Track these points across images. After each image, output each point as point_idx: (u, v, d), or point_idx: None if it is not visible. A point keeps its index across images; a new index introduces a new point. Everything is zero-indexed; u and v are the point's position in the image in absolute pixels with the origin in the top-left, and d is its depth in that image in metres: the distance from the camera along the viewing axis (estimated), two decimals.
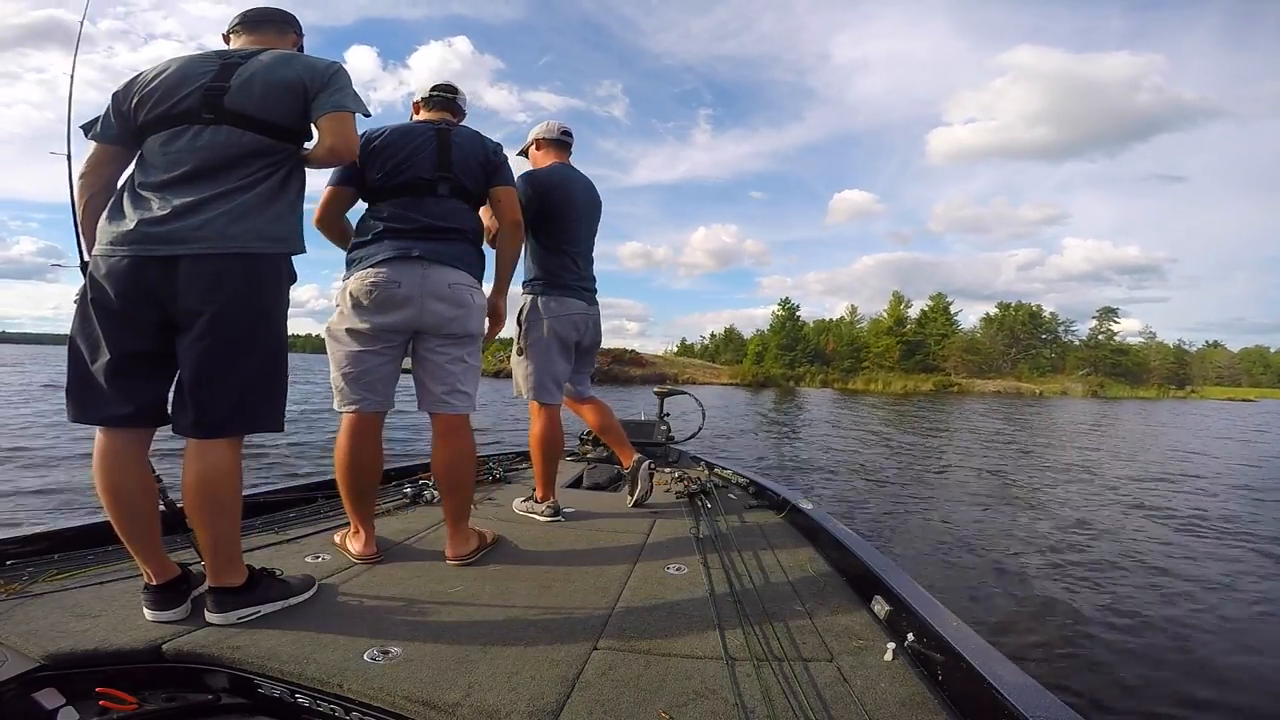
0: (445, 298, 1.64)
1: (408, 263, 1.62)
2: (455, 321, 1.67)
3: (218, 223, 1.21)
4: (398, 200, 1.67)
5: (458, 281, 1.67)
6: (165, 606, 1.25)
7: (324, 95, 1.33)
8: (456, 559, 1.69)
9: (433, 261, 1.63)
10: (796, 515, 2.15)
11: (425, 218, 1.66)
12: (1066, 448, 10.25)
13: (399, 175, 1.68)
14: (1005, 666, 0.98)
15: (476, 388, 1.77)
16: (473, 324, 1.72)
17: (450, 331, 1.67)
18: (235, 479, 1.27)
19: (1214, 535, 4.38)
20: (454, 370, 1.70)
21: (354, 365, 1.66)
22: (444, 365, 1.69)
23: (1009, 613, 2.86)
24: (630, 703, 1.00)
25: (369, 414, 1.69)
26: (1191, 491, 6.22)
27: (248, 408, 1.27)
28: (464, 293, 1.67)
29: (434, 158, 1.70)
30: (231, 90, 1.27)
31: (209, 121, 1.25)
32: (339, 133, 1.33)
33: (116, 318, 1.20)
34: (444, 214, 1.68)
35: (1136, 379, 54.62)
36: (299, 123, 1.34)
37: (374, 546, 1.72)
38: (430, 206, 1.67)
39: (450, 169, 1.70)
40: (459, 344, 1.70)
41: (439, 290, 1.63)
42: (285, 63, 1.34)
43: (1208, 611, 2.92)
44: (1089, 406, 28.83)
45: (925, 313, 57.70)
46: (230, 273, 1.22)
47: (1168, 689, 2.19)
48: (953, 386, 45.63)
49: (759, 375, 45.61)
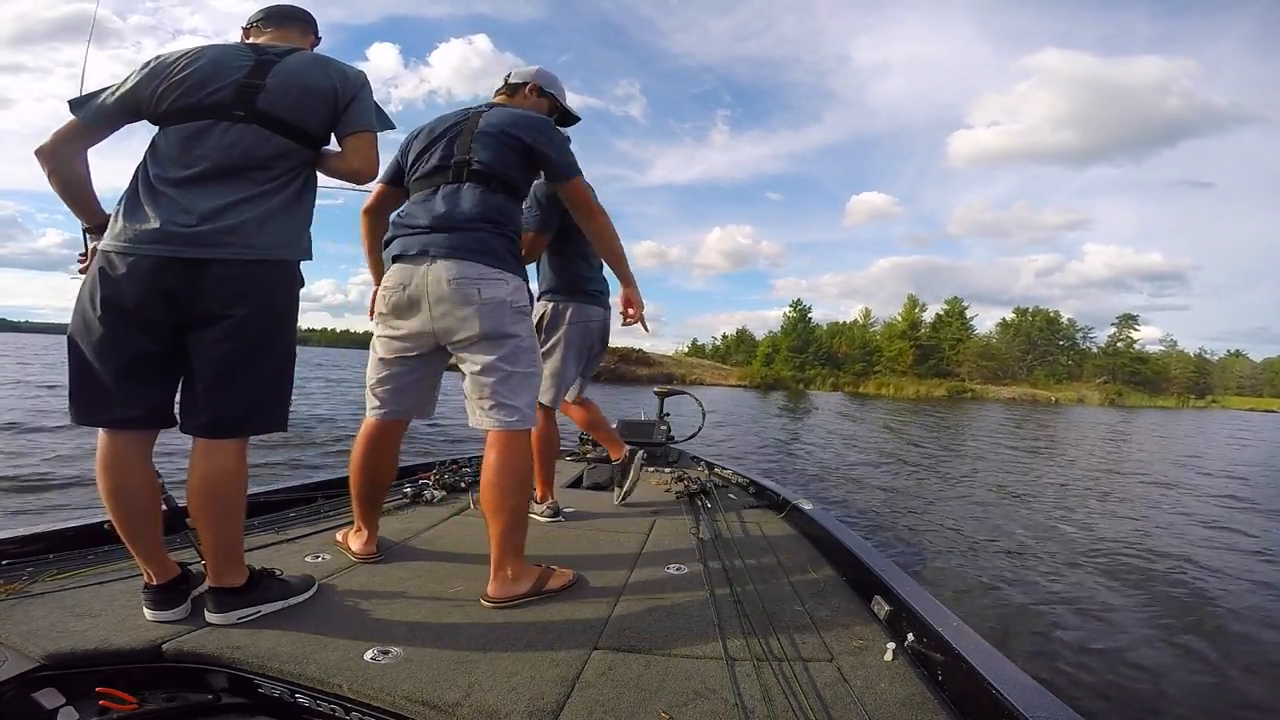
0: (445, 298, 1.44)
1: (411, 261, 1.47)
2: (464, 324, 1.45)
3: (248, 227, 1.20)
4: (418, 193, 1.55)
5: (460, 276, 1.43)
6: (165, 606, 1.24)
7: (354, 109, 1.33)
8: (497, 600, 1.40)
9: (438, 256, 1.45)
10: (796, 515, 2.14)
11: (436, 206, 1.49)
12: (1076, 454, 10.25)
13: (420, 167, 1.56)
14: (1005, 666, 0.98)
15: (530, 398, 1.53)
16: (487, 323, 1.45)
17: (461, 336, 1.47)
18: (242, 480, 1.27)
19: (1220, 542, 4.38)
20: (488, 381, 1.47)
21: (376, 374, 1.60)
22: (475, 376, 1.49)
23: (1009, 613, 2.85)
24: (630, 703, 1.00)
25: (388, 420, 1.62)
26: (1198, 499, 6.22)
27: (262, 408, 1.27)
28: (468, 288, 1.44)
29: (454, 142, 1.54)
30: (266, 90, 1.25)
31: (239, 119, 1.23)
32: (365, 155, 1.35)
33: (129, 318, 1.17)
34: (457, 199, 1.49)
35: (1155, 388, 54.11)
36: (325, 131, 1.33)
37: (374, 545, 1.70)
38: (444, 194, 1.50)
39: (467, 150, 1.52)
40: (485, 349, 1.47)
41: (439, 289, 1.44)
42: (320, 66, 1.33)
43: (1210, 614, 2.93)
44: (1105, 415, 28.71)
45: (940, 317, 57.35)
46: (257, 277, 1.22)
47: (1169, 689, 2.19)
48: (967, 392, 45.33)
49: (768, 377, 45.46)
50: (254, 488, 2.10)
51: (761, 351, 58.08)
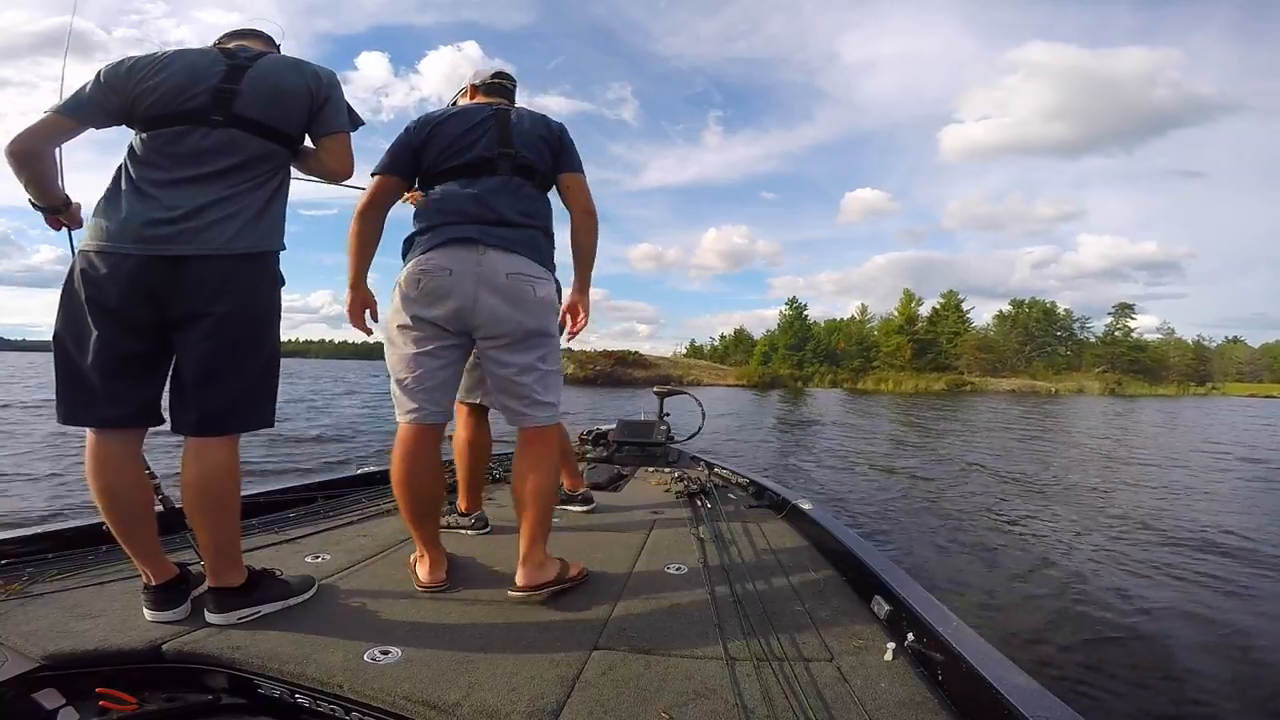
0: (500, 289, 1.44)
1: (462, 247, 1.44)
2: (511, 320, 1.46)
3: (227, 225, 1.23)
4: (456, 181, 1.52)
5: (517, 271, 1.46)
6: (165, 606, 1.25)
7: (328, 110, 1.36)
8: (526, 588, 1.43)
9: (491, 247, 1.44)
10: (796, 515, 2.15)
11: (486, 198, 1.49)
12: (1079, 446, 10.25)
13: (458, 156, 1.53)
14: (1005, 666, 0.98)
15: (559, 393, 1.57)
16: (533, 321, 1.48)
17: (504, 331, 1.47)
18: (234, 477, 1.28)
19: (1223, 537, 4.38)
20: (525, 382, 1.50)
21: (408, 370, 1.48)
22: (513, 378, 1.49)
23: (1009, 613, 2.86)
24: (630, 703, 1.00)
25: (426, 425, 1.50)
26: (1199, 491, 6.21)
27: (249, 405, 1.29)
28: (524, 285, 1.46)
29: (495, 135, 1.55)
30: (241, 94, 1.28)
31: (217, 124, 1.25)
32: (340, 156, 1.40)
33: (112, 317, 1.19)
34: (507, 194, 1.51)
35: (1155, 376, 54.12)
36: (300, 130, 1.36)
37: (443, 573, 1.53)
38: (491, 186, 1.50)
39: (511, 144, 1.54)
40: (526, 348, 1.49)
41: (494, 279, 1.44)
42: (293, 68, 1.35)
43: (1211, 612, 2.92)
44: (1105, 404, 28.63)
45: (936, 310, 57.42)
46: (238, 274, 1.23)
47: (1169, 689, 2.18)
48: (966, 385, 45.30)
49: (766, 376, 45.44)
50: (254, 488, 2.11)
51: (758, 350, 58.11)
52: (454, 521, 2.05)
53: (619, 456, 3.39)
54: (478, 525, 2.05)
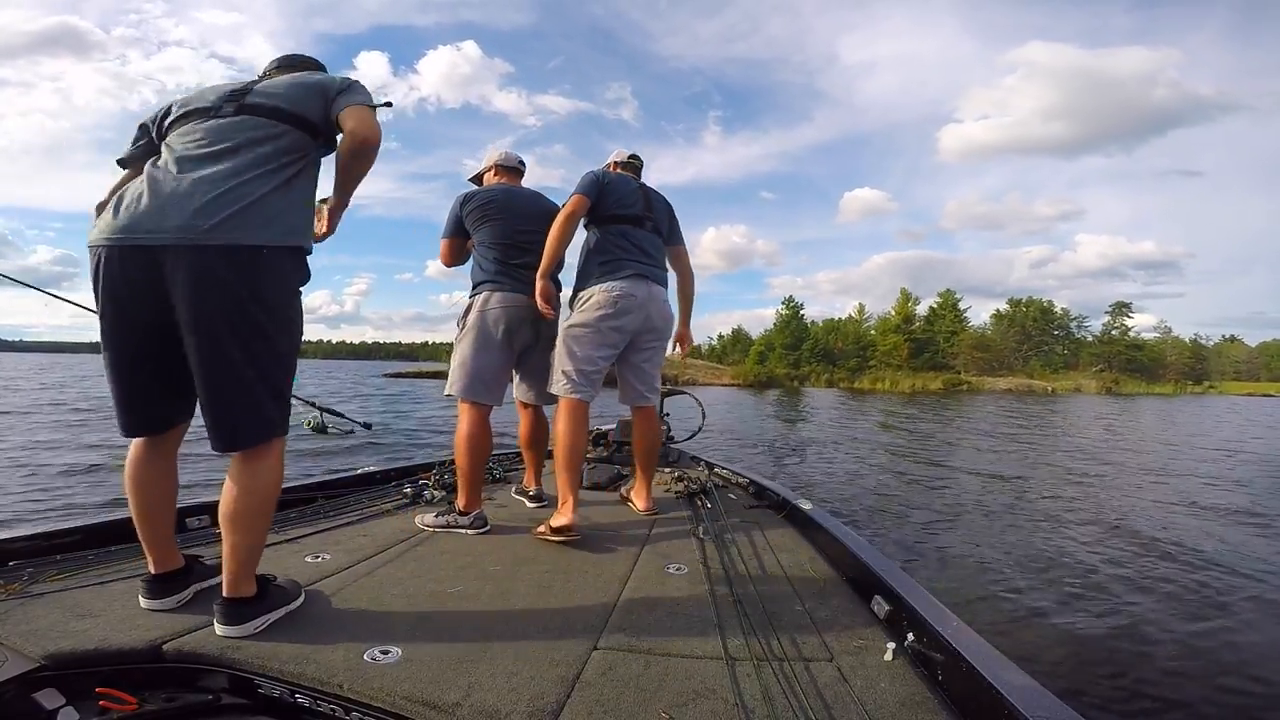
0: (662, 312, 2.23)
1: (641, 280, 2.13)
2: (664, 331, 2.26)
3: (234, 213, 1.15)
4: (623, 228, 2.18)
5: (666, 299, 2.26)
6: (160, 595, 1.26)
7: (345, 95, 1.35)
8: (649, 510, 2.27)
9: (654, 281, 2.19)
10: (796, 515, 2.15)
11: (647, 246, 2.21)
12: (1074, 447, 10.24)
13: (627, 209, 2.20)
14: (1005, 666, 0.98)
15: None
16: (669, 331, 2.32)
17: (655, 336, 2.23)
18: (259, 496, 1.23)
19: (1224, 537, 4.38)
20: (651, 372, 2.27)
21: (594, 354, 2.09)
22: (643, 367, 2.25)
23: (1009, 612, 2.85)
24: (630, 703, 1.00)
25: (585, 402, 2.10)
26: (1197, 489, 6.21)
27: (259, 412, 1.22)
28: (668, 309, 2.28)
29: (643, 201, 2.27)
30: (254, 92, 1.30)
31: (230, 114, 1.26)
32: (361, 118, 1.30)
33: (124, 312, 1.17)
34: (656, 245, 2.27)
35: (1152, 375, 54.08)
36: (320, 118, 1.32)
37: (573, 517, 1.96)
38: (648, 238, 2.23)
39: (652, 211, 2.28)
40: (660, 348, 2.27)
41: (659, 305, 2.21)
42: (308, 74, 1.41)
43: (1212, 612, 2.92)
44: (1102, 403, 28.61)
45: (934, 310, 57.40)
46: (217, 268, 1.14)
47: (1169, 689, 2.18)
48: (963, 384, 45.27)
49: (762, 375, 45.41)
50: None
51: (754, 350, 58.08)
52: (453, 521, 2.05)
53: (619, 456, 3.39)
54: (477, 525, 2.04)
